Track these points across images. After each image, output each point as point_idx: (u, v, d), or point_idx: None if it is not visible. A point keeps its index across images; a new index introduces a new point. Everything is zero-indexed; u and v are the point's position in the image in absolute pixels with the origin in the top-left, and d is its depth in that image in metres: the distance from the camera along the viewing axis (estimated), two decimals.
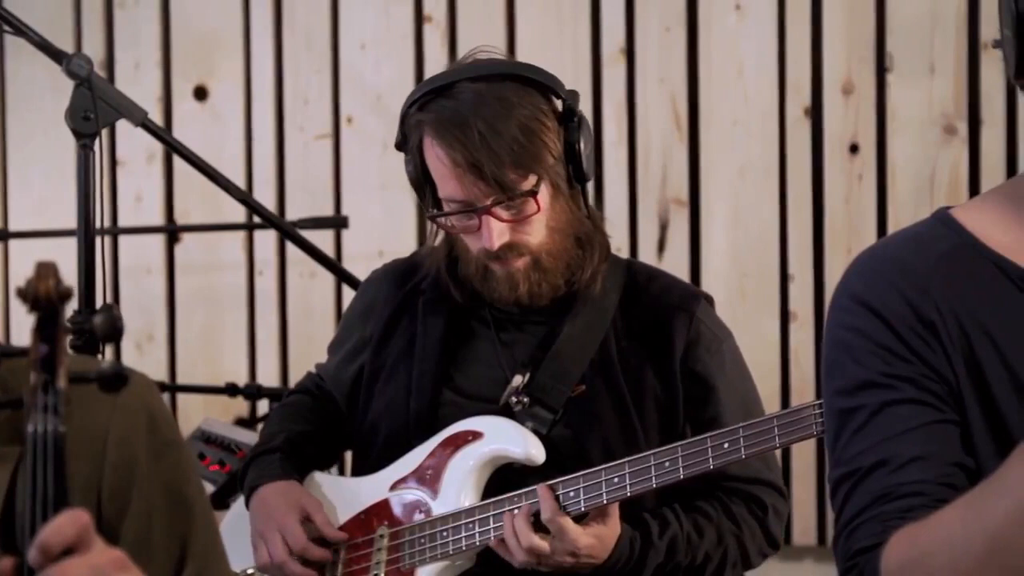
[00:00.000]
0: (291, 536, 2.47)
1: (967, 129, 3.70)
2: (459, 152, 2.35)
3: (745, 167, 3.80)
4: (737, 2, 3.79)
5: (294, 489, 2.53)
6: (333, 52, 4.01)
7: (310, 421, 2.66)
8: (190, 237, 4.06)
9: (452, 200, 2.41)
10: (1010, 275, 1.56)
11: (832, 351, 1.59)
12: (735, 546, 2.47)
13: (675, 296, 2.54)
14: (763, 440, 2.28)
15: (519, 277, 2.44)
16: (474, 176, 2.36)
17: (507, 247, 2.41)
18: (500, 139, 2.35)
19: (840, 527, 1.54)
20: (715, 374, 2.49)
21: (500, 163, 2.35)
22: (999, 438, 1.52)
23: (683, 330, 2.48)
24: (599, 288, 2.50)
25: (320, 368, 2.74)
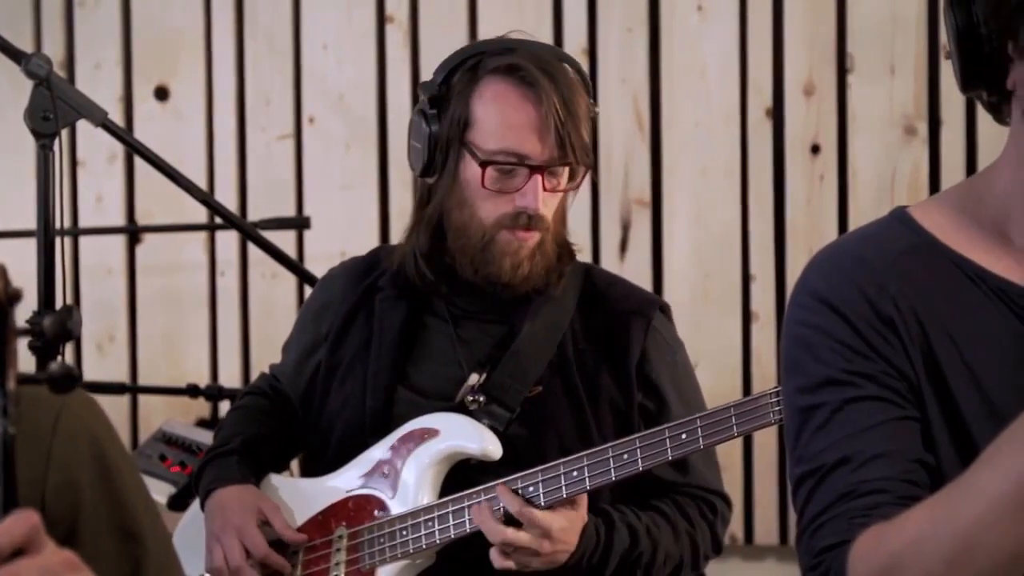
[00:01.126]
0: (251, 541, 2.45)
1: (927, 129, 3.72)
2: (550, 102, 2.37)
3: (707, 167, 3.81)
4: (699, 3, 3.80)
5: (251, 492, 2.52)
6: (295, 52, 4.00)
7: (266, 423, 2.64)
8: (151, 238, 4.04)
9: (509, 152, 2.40)
10: (967, 273, 1.57)
11: (792, 349, 1.59)
12: (689, 544, 2.48)
13: (633, 302, 2.55)
14: (721, 430, 2.28)
15: (525, 253, 2.43)
16: (551, 132, 2.38)
17: (537, 217, 2.42)
18: (577, 108, 2.40)
19: (803, 525, 1.54)
20: (666, 384, 2.50)
21: (576, 129, 2.39)
22: (957, 435, 1.52)
23: (640, 335, 2.49)
24: (559, 289, 2.51)
25: (274, 368, 2.73)
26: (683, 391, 2.53)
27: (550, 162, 2.40)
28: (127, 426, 4.01)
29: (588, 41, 3.86)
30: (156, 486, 3.03)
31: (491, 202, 2.42)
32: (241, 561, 2.45)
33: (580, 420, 2.45)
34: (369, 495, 2.49)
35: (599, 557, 2.37)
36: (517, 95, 2.40)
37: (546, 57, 2.44)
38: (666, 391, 2.50)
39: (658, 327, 2.52)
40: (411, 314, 2.54)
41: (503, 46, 2.47)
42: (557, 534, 2.32)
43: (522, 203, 2.40)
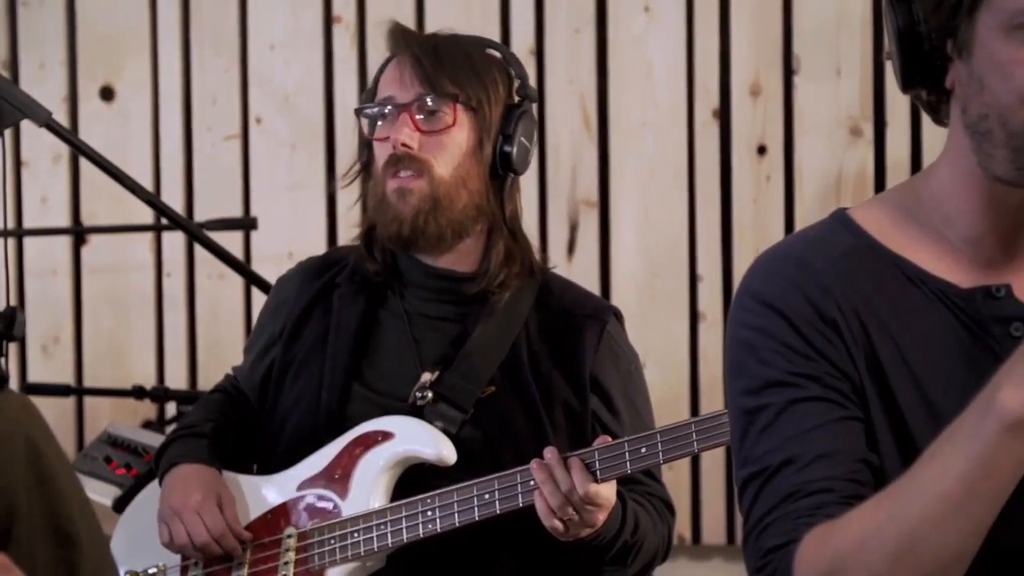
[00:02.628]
0: (210, 519, 2.45)
1: (872, 130, 3.74)
2: (410, 50, 2.45)
3: (654, 168, 3.82)
4: (646, 4, 3.81)
5: (214, 476, 2.52)
6: (241, 52, 3.99)
7: (229, 419, 2.63)
8: (97, 238, 4.02)
9: (379, 101, 2.48)
10: (907, 274, 1.58)
11: (736, 351, 1.59)
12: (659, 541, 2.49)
13: (587, 306, 2.56)
14: (681, 445, 2.29)
15: (411, 200, 2.43)
16: (410, 71, 2.44)
17: (409, 157, 2.43)
18: (450, 55, 2.47)
19: (750, 527, 1.54)
20: (616, 393, 2.51)
21: (439, 66, 2.44)
22: (899, 435, 1.53)
23: (593, 339, 2.50)
24: (512, 292, 2.51)
25: (235, 370, 2.72)
26: (633, 401, 2.53)
27: (413, 98, 2.44)
28: (72, 428, 3.99)
29: (535, 42, 3.86)
30: (101, 488, 3.01)
31: (380, 154, 2.48)
32: (208, 538, 2.45)
33: (534, 421, 2.45)
34: (320, 495, 2.48)
35: (611, 538, 2.37)
36: (397, 48, 2.50)
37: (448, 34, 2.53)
38: (616, 398, 2.50)
39: (612, 332, 2.53)
40: (367, 311, 2.54)
41: None
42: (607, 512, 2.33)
43: (392, 139, 2.44)
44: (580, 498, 2.28)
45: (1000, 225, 1.56)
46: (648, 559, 2.47)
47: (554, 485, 2.29)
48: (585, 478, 2.28)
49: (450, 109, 2.44)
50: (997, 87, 1.48)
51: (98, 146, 2.96)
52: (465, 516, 2.36)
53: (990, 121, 1.49)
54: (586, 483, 2.28)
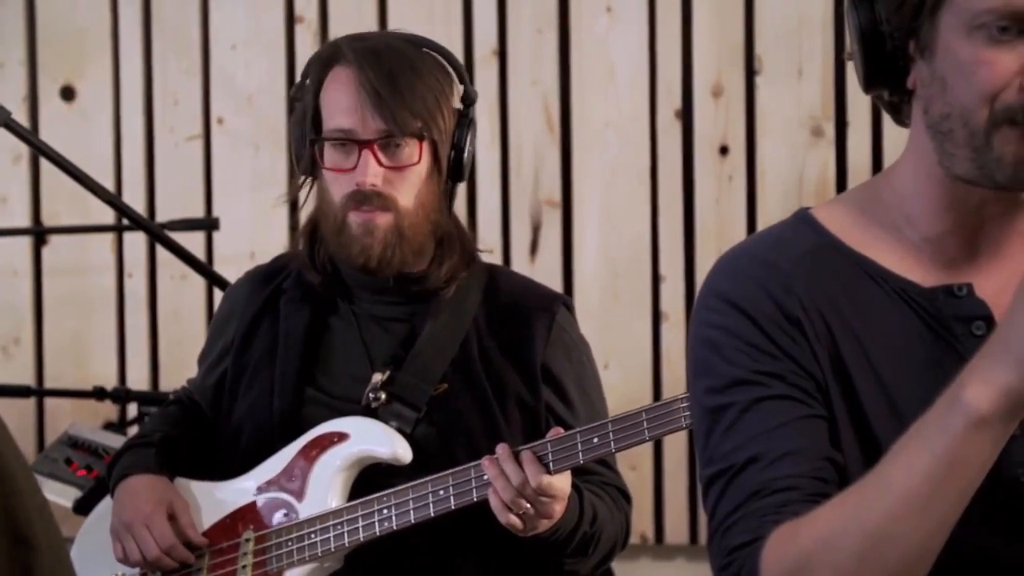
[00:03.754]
0: (158, 531, 2.45)
1: (834, 131, 3.75)
2: (366, 78, 2.39)
3: (617, 168, 3.82)
4: (608, 5, 3.81)
5: (164, 485, 2.51)
6: (203, 53, 3.97)
7: (183, 429, 2.63)
8: (58, 239, 4.00)
9: (338, 130, 2.43)
10: (869, 272, 1.59)
11: (700, 350, 1.60)
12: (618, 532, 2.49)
13: (536, 298, 2.56)
14: (633, 434, 2.29)
15: (377, 236, 2.42)
16: (371, 106, 2.39)
17: (375, 194, 2.41)
18: (408, 83, 2.41)
19: (715, 525, 1.54)
20: (570, 382, 2.51)
21: (401, 101, 2.39)
22: (861, 433, 1.54)
23: (543, 331, 2.50)
24: (459, 289, 2.51)
25: (190, 381, 2.72)
26: (587, 390, 2.53)
27: (376, 135, 2.40)
28: (33, 429, 3.97)
29: (498, 42, 3.86)
30: (61, 490, 3.00)
31: (337, 184, 2.44)
32: (157, 552, 2.44)
33: (487, 417, 2.45)
34: (277, 498, 2.48)
35: (569, 531, 2.37)
36: (344, 76, 2.42)
37: (388, 41, 2.47)
38: (569, 389, 2.50)
39: (562, 323, 2.53)
40: (316, 316, 2.54)
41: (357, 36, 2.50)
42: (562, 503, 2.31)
43: (357, 179, 2.41)
44: (533, 490, 2.27)
45: (961, 224, 1.57)
46: (608, 548, 2.47)
47: (505, 480, 2.28)
48: (538, 470, 2.28)
49: (415, 145, 2.43)
50: (959, 87, 1.49)
51: (59, 146, 2.95)
52: (421, 513, 2.36)
53: (952, 121, 1.50)
54: (539, 475, 2.28)
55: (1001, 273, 1.56)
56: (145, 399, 3.37)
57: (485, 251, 2.63)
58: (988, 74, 1.46)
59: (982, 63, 1.47)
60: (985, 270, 1.58)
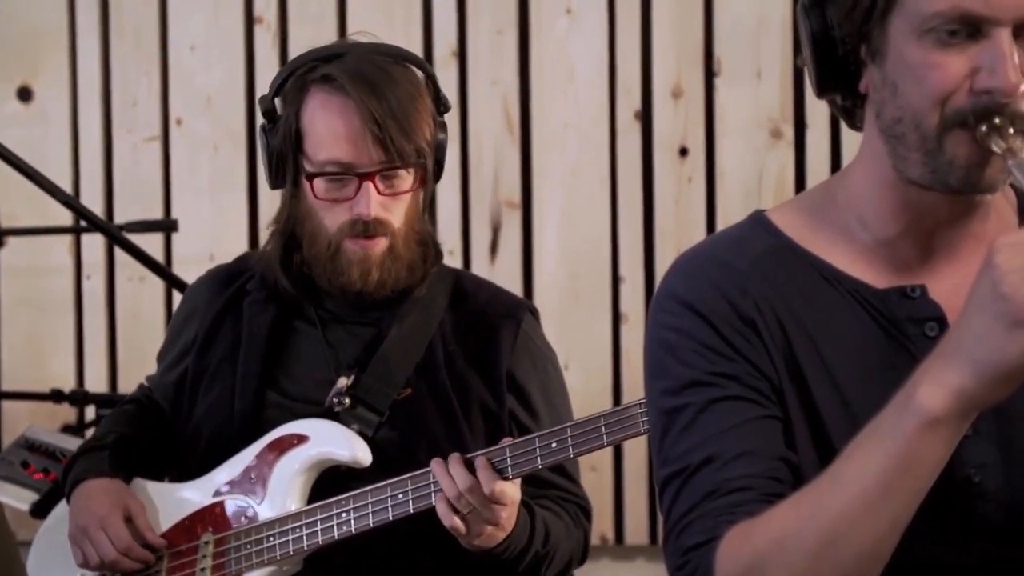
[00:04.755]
0: (114, 533, 2.44)
1: (793, 132, 3.77)
2: (365, 109, 2.37)
3: (576, 170, 3.83)
4: (568, 6, 3.82)
5: (119, 488, 2.50)
6: (162, 53, 3.96)
7: (139, 428, 2.62)
8: (15, 240, 3.97)
9: (335, 162, 2.40)
10: (824, 274, 1.59)
11: (655, 352, 1.60)
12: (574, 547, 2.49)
13: (503, 306, 2.56)
14: (591, 439, 2.29)
15: (374, 260, 2.43)
16: (372, 137, 2.37)
17: (376, 222, 2.40)
18: (404, 112, 2.39)
19: (670, 525, 1.55)
20: (535, 391, 2.51)
21: (401, 132, 2.37)
22: (816, 434, 1.54)
23: (510, 338, 2.50)
24: (427, 292, 2.51)
25: (149, 379, 2.71)
26: (551, 399, 2.53)
27: (377, 167, 2.39)
28: None
29: (458, 43, 3.86)
30: (19, 493, 2.98)
31: (331, 212, 2.43)
32: (115, 554, 2.44)
33: (451, 423, 2.45)
34: (236, 500, 2.47)
35: (520, 550, 2.37)
36: (337, 104, 2.39)
37: (372, 60, 2.43)
38: (535, 398, 2.51)
39: (528, 331, 2.53)
40: (279, 317, 2.53)
41: (333, 52, 2.46)
42: (514, 505, 2.31)
43: (356, 211, 2.40)
44: (486, 496, 2.27)
45: (915, 227, 1.58)
46: (562, 566, 2.47)
47: (450, 480, 2.28)
48: (491, 476, 2.28)
49: (412, 174, 2.43)
50: (910, 90, 1.50)
51: (15, 147, 2.94)
52: (379, 516, 2.36)
53: (904, 125, 1.51)
54: (492, 481, 2.27)
55: (954, 275, 1.57)
56: (103, 401, 3.35)
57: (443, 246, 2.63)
58: (938, 77, 1.47)
59: (932, 66, 1.47)
60: (938, 272, 1.59)
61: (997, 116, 1.46)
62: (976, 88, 1.46)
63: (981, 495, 1.52)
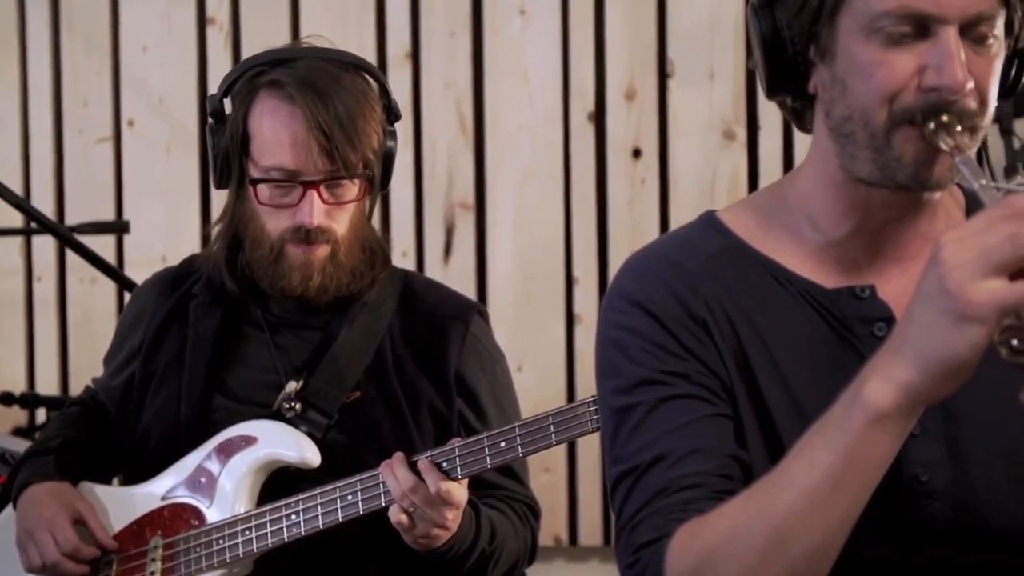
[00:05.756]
0: (61, 535, 2.42)
1: (746, 134, 3.78)
2: (312, 118, 2.35)
3: (530, 171, 3.83)
4: (522, 8, 3.82)
5: (67, 490, 2.48)
6: (113, 54, 3.94)
7: (85, 431, 2.60)
8: None
9: (280, 169, 2.39)
10: (774, 274, 1.60)
11: (607, 351, 1.61)
12: (521, 547, 2.49)
13: (451, 307, 2.55)
14: (540, 438, 2.29)
15: (316, 266, 2.42)
16: (318, 147, 2.35)
17: (319, 230, 2.39)
18: (352, 121, 2.37)
19: (622, 523, 1.55)
20: (484, 392, 2.51)
21: (348, 142, 2.36)
22: (766, 432, 1.55)
23: (458, 340, 2.50)
24: (376, 295, 2.50)
25: (95, 382, 2.69)
26: (500, 400, 2.53)
27: (322, 176, 2.38)
28: None
29: (411, 45, 3.86)
30: None
31: (275, 217, 2.42)
32: (57, 556, 2.41)
33: (400, 425, 2.44)
34: (185, 504, 2.46)
35: (466, 549, 2.36)
36: (285, 111, 2.38)
37: (322, 68, 2.41)
38: (484, 399, 2.50)
39: (476, 332, 2.53)
40: (226, 321, 2.52)
41: (283, 57, 2.44)
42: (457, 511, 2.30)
43: (299, 218, 2.39)
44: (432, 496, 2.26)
45: (864, 226, 1.59)
46: (509, 565, 2.47)
47: (395, 480, 2.27)
48: (436, 477, 2.27)
49: (358, 184, 2.42)
50: (859, 88, 1.51)
51: None
52: (329, 518, 2.35)
53: (853, 123, 1.52)
54: (437, 482, 2.27)
55: (903, 275, 1.58)
56: (54, 404, 3.33)
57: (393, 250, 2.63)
58: (887, 75, 1.48)
59: (880, 64, 1.48)
60: (887, 272, 1.60)
61: (945, 114, 1.47)
62: (924, 86, 1.48)
63: (928, 494, 1.53)
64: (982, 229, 1.25)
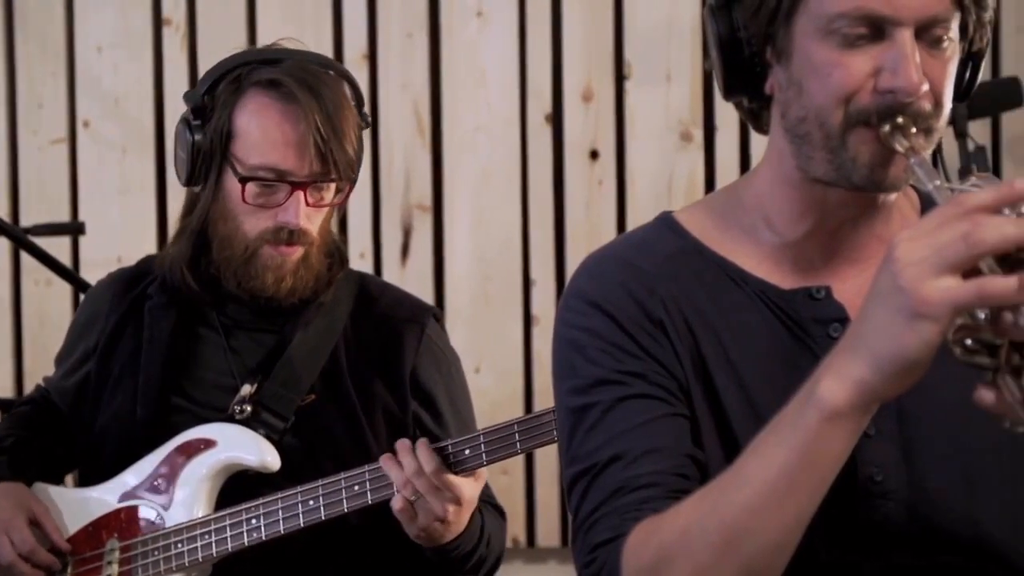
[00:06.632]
0: (17, 536, 2.40)
1: (703, 135, 3.79)
2: (311, 119, 2.34)
3: (488, 173, 3.83)
4: (479, 9, 3.82)
5: (21, 491, 2.47)
6: (68, 55, 3.92)
7: (37, 431, 2.58)
8: None
9: (269, 168, 2.37)
10: (730, 275, 1.61)
11: (564, 351, 1.61)
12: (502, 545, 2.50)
13: (406, 310, 2.55)
14: (504, 446, 2.29)
15: (288, 268, 2.41)
16: (313, 148, 2.35)
17: (300, 231, 2.39)
18: (343, 125, 2.37)
19: (578, 523, 1.55)
20: (440, 394, 2.51)
21: (340, 146, 2.36)
22: (723, 432, 1.55)
23: (413, 343, 2.49)
24: (331, 298, 2.49)
25: (47, 381, 2.67)
26: (456, 403, 2.53)
27: (312, 178, 2.38)
28: None
29: (368, 46, 3.85)
30: None
31: (254, 216, 2.40)
32: (13, 556, 2.40)
33: (355, 429, 2.44)
34: (143, 506, 2.45)
35: (469, 550, 2.37)
36: (278, 110, 2.37)
37: (312, 70, 2.41)
38: (440, 401, 2.50)
39: (432, 335, 2.53)
40: (181, 323, 2.50)
41: (269, 57, 2.43)
42: (466, 504, 2.29)
43: (283, 218, 2.38)
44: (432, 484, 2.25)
45: (820, 227, 1.60)
46: (491, 565, 2.48)
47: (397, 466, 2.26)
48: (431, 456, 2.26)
49: (344, 188, 2.43)
50: (814, 89, 1.51)
51: None
52: (290, 523, 2.34)
53: (808, 124, 1.53)
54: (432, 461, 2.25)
55: (859, 276, 1.59)
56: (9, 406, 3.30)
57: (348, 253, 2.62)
58: (842, 76, 1.49)
59: (836, 66, 1.49)
60: (843, 273, 1.61)
61: (900, 115, 1.48)
62: (879, 88, 1.48)
63: (883, 494, 1.54)
64: (935, 228, 1.26)
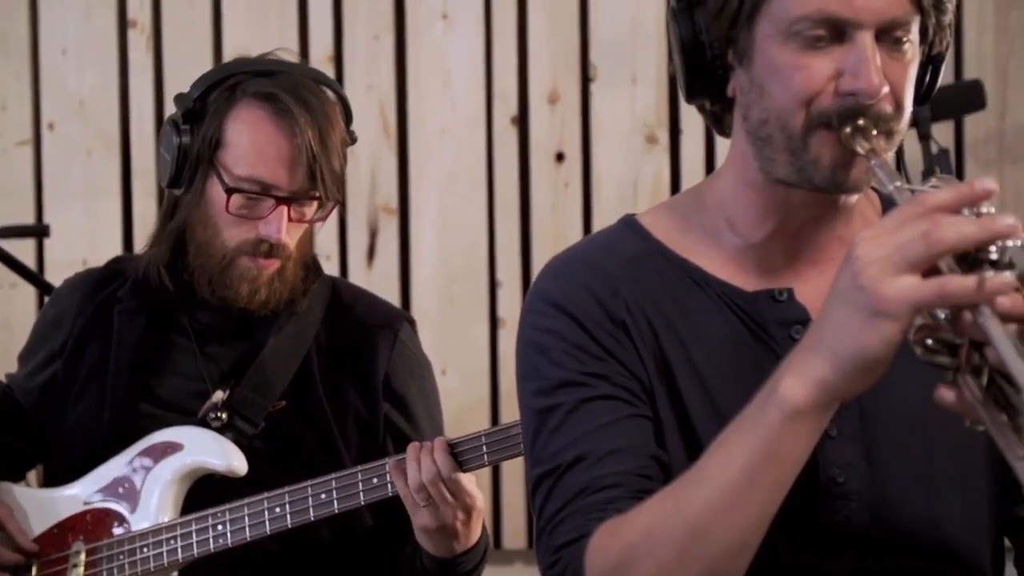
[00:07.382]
0: None
1: (668, 138, 3.80)
2: (303, 136, 2.34)
3: (453, 175, 3.83)
4: (444, 11, 3.82)
5: None
6: (32, 56, 3.91)
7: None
8: None
9: (255, 181, 2.36)
10: (693, 277, 1.62)
11: (528, 353, 1.61)
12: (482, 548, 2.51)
13: (380, 316, 2.54)
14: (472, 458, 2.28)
15: (263, 280, 2.40)
16: (303, 165, 2.34)
17: (279, 245, 2.38)
18: (333, 140, 2.37)
19: (542, 524, 1.56)
20: (414, 397, 2.50)
21: (328, 164, 2.35)
22: (685, 432, 1.56)
23: (387, 349, 2.49)
24: (304, 304, 2.49)
25: (9, 378, 2.65)
26: (430, 408, 2.53)
27: (297, 194, 2.37)
28: None
29: (334, 48, 3.85)
30: None
31: (235, 227, 2.39)
32: None
33: (325, 436, 2.43)
34: (108, 509, 2.44)
35: (474, 566, 2.37)
36: (271, 124, 2.36)
37: (308, 85, 2.41)
38: (413, 405, 2.50)
39: (405, 340, 2.52)
40: (151, 327, 2.49)
41: (265, 68, 2.42)
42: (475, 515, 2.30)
43: (265, 231, 2.37)
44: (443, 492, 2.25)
45: (782, 229, 1.60)
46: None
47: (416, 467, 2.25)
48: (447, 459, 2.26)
49: (328, 207, 2.42)
50: (776, 92, 1.52)
51: None
52: (257, 530, 2.33)
53: (770, 126, 1.54)
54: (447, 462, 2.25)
55: (820, 278, 1.60)
56: None
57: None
58: (804, 79, 1.50)
59: (798, 68, 1.50)
60: (805, 275, 1.62)
61: (861, 118, 1.49)
62: (840, 90, 1.49)
63: (845, 495, 1.54)
64: (895, 227, 1.27)
